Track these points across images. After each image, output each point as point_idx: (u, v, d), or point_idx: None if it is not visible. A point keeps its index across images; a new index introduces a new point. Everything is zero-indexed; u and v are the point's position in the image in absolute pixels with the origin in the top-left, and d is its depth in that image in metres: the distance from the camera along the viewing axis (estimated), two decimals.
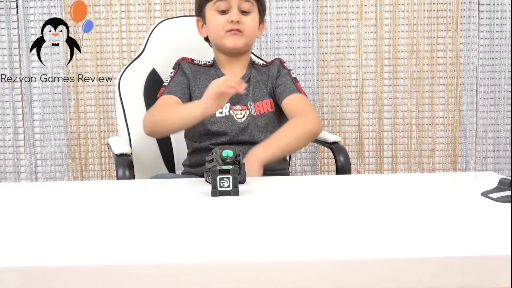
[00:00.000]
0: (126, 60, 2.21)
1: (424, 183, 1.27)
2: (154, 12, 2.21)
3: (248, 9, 1.49)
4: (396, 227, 0.82)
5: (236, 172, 1.01)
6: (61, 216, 0.93)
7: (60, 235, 0.81)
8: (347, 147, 2.27)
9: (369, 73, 2.26)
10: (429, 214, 0.90)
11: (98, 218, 0.91)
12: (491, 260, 0.69)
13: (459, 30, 2.25)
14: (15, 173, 2.26)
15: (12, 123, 2.24)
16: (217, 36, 1.50)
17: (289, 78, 1.55)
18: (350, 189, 1.16)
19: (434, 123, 2.29)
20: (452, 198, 1.04)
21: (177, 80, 1.53)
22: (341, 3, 2.23)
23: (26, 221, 0.89)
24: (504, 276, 0.69)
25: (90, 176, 2.27)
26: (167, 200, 1.07)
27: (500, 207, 0.91)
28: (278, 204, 1.00)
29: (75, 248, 0.74)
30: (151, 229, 0.84)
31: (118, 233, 0.82)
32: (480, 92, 2.28)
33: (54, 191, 1.21)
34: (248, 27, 1.48)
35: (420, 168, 2.30)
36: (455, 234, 0.78)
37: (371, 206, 0.97)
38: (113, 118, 2.24)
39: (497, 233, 0.79)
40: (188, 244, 0.76)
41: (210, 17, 1.50)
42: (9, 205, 1.04)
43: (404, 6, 2.23)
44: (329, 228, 0.83)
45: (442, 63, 2.27)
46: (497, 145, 2.30)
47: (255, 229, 0.83)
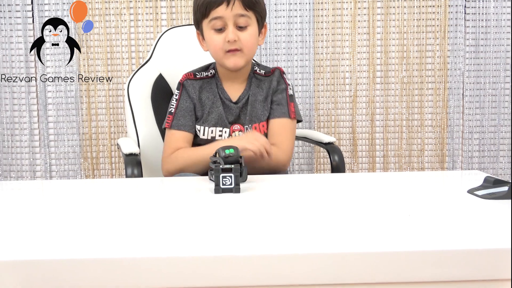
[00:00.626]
0: (135, 65, 2.21)
1: (414, 181, 1.27)
2: (161, 21, 2.21)
3: (244, 24, 1.35)
4: (388, 222, 0.82)
5: (238, 171, 1.01)
6: (74, 211, 0.93)
7: (73, 229, 0.81)
8: (342, 147, 2.27)
9: (362, 78, 2.27)
10: (419, 210, 0.90)
11: (108, 213, 0.91)
12: (477, 253, 0.70)
13: (447, 37, 2.25)
14: (31, 171, 2.26)
15: (28, 125, 2.24)
16: (217, 56, 1.39)
17: (284, 96, 1.45)
18: (344, 186, 1.16)
19: (423, 124, 2.29)
20: (440, 195, 1.04)
21: (183, 108, 1.43)
22: (336, 12, 2.23)
23: (40, 216, 0.89)
24: (488, 268, 0.69)
25: (101, 174, 2.27)
26: (172, 197, 1.08)
27: (485, 203, 0.91)
28: (277, 201, 1.00)
29: (87, 242, 0.74)
30: (158, 224, 0.84)
31: (127, 228, 0.82)
32: (466, 96, 2.28)
33: (67, 188, 1.21)
34: (247, 44, 1.36)
35: (410, 167, 2.30)
36: (443, 229, 0.79)
37: (364, 202, 0.97)
38: (122, 120, 2.24)
39: (482, 228, 0.79)
40: (192, 238, 0.76)
41: (207, 36, 1.38)
42: (26, 201, 1.04)
43: (395, 16, 2.24)
44: (325, 223, 0.83)
45: (431, 69, 2.27)
46: (482, 146, 2.30)
47: (255, 224, 0.84)
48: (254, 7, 1.35)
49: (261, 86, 1.46)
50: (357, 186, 1.16)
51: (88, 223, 0.85)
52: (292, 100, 1.46)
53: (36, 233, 0.79)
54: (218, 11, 1.32)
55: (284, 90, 1.46)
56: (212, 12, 1.33)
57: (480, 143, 2.30)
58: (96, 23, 2.19)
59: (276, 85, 1.46)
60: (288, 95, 1.46)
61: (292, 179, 1.36)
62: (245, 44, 1.35)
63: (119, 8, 2.20)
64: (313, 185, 1.19)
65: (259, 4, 1.37)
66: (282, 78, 1.47)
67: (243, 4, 1.32)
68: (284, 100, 1.45)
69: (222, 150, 1.07)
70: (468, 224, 0.82)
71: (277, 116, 1.44)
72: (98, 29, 2.20)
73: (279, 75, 1.48)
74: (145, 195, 1.10)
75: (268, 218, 0.87)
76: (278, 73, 1.48)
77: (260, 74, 1.48)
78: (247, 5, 1.33)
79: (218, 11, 1.32)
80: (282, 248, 0.71)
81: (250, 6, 1.34)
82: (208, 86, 1.45)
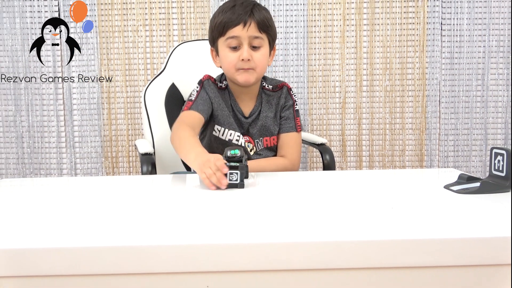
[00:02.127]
0: (150, 76, 2.21)
1: (396, 177, 1.27)
2: (173, 36, 2.21)
3: (258, 45, 1.31)
4: (373, 214, 0.82)
5: (243, 168, 1.01)
6: (96, 204, 0.93)
7: (96, 219, 0.81)
8: (332, 148, 2.27)
9: (350, 86, 2.26)
10: (400, 203, 0.90)
11: (126, 205, 0.91)
12: (452, 241, 0.69)
13: (425, 51, 2.25)
14: (58, 169, 2.26)
15: (55, 128, 2.24)
16: (229, 72, 1.35)
17: (291, 112, 1.42)
18: (334, 182, 1.16)
19: (404, 128, 2.29)
20: (419, 190, 1.04)
21: (203, 98, 1.36)
22: (327, 29, 2.23)
23: (68, 207, 0.89)
24: (462, 255, 0.69)
25: (120, 172, 2.27)
26: (183, 191, 1.07)
27: (459, 197, 0.91)
28: (276, 195, 1.00)
29: (108, 230, 0.74)
30: (170, 215, 0.84)
31: (143, 218, 0.82)
32: (442, 102, 2.28)
33: (90, 184, 1.21)
34: (259, 63, 1.32)
35: (392, 165, 2.30)
36: (422, 220, 0.78)
37: (352, 196, 0.97)
38: (138, 124, 2.24)
39: (457, 220, 0.79)
40: (201, 227, 0.76)
41: (222, 52, 1.33)
42: (54, 195, 1.04)
43: (379, 31, 2.23)
44: (319, 215, 0.83)
45: (411, 78, 2.27)
46: (457, 146, 2.30)
47: (258, 215, 0.83)
48: (268, 30, 1.32)
49: (270, 102, 1.43)
50: (346, 182, 1.16)
51: (109, 213, 0.85)
52: (298, 115, 1.45)
53: (65, 223, 0.79)
54: (234, 30, 1.29)
55: (291, 106, 1.43)
56: (229, 31, 1.29)
57: (454, 144, 2.30)
58: (116, 38, 2.19)
59: (284, 102, 1.43)
60: (295, 111, 1.44)
61: (289, 176, 1.35)
62: (257, 64, 1.32)
63: (136, 25, 2.20)
64: (307, 181, 1.19)
65: (272, 28, 1.34)
66: (289, 95, 1.44)
67: (258, 26, 1.29)
68: (291, 115, 1.43)
69: (227, 151, 1.07)
70: (444, 215, 0.81)
71: (286, 131, 1.42)
72: (117, 44, 2.20)
73: (286, 92, 1.44)
74: (158, 190, 1.10)
75: (269, 210, 0.87)
76: (286, 90, 1.44)
77: (269, 90, 1.44)
78: (262, 27, 1.30)
79: (234, 30, 1.29)
80: (282, 237, 0.71)
81: (264, 29, 1.31)
82: (222, 96, 1.40)
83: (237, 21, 1.28)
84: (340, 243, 0.69)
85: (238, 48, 1.31)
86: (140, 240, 0.70)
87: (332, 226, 0.76)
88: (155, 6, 2.19)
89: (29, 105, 2.22)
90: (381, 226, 0.75)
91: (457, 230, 0.73)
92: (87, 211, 0.87)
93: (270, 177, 1.19)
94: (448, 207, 0.86)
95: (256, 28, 1.29)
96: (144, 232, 0.74)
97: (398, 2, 2.22)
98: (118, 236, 0.72)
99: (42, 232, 0.73)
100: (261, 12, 1.31)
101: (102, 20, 2.18)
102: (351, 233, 0.72)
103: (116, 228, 0.76)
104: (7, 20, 2.17)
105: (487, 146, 2.29)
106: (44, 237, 0.72)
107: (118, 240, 0.70)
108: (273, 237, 0.71)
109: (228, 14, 1.29)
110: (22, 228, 0.76)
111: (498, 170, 0.95)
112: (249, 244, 0.69)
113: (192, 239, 0.70)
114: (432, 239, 0.69)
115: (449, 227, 0.74)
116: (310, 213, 0.84)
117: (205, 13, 2.19)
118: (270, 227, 0.76)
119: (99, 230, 0.75)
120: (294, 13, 2.21)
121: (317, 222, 0.78)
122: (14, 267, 0.66)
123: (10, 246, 0.67)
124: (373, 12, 2.23)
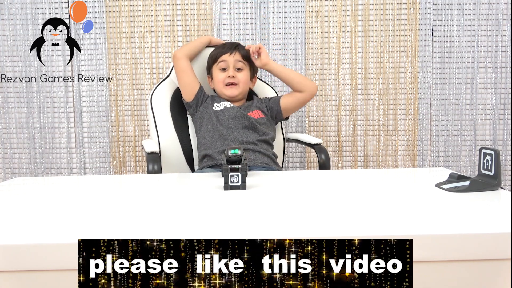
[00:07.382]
0: (156, 79, 2.21)
1: (390, 176, 1.27)
2: (177, 43, 2.21)
3: (241, 67, 1.66)
4: (367, 211, 0.82)
5: (244, 170, 1.00)
6: (104, 200, 0.93)
7: (105, 214, 0.81)
8: (328, 148, 2.27)
9: (346, 90, 2.26)
10: (394, 200, 0.90)
11: (133, 202, 0.91)
12: (442, 237, 0.69)
13: (417, 56, 2.25)
14: (69, 168, 2.26)
15: (66, 129, 2.24)
16: (219, 87, 1.66)
17: (275, 97, 1.70)
18: (330, 181, 1.16)
19: (397, 129, 2.29)
20: (412, 188, 1.04)
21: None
22: (324, 35, 2.23)
23: (77, 203, 0.89)
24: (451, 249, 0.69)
25: (127, 171, 2.27)
26: (187, 190, 1.07)
27: (450, 195, 0.91)
28: (276, 195, 1.00)
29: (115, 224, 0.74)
30: (174, 212, 0.84)
31: (149, 214, 0.82)
32: (434, 105, 2.28)
33: (99, 182, 1.21)
34: (241, 80, 1.65)
35: (386, 165, 2.30)
36: (414, 217, 0.78)
37: (347, 194, 0.97)
38: (144, 126, 2.24)
39: (448, 216, 0.79)
40: (205, 224, 0.76)
41: (214, 74, 1.67)
42: (65, 192, 1.04)
43: (373, 38, 2.23)
44: (315, 212, 0.83)
45: (403, 82, 2.26)
46: (447, 147, 2.30)
47: (259, 214, 0.83)
48: (248, 60, 1.68)
49: (259, 101, 1.70)
50: (341, 181, 1.16)
51: (117, 209, 0.85)
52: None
53: (76, 217, 0.79)
54: (224, 57, 1.66)
55: (272, 96, 1.74)
56: (220, 58, 1.66)
57: (445, 144, 2.30)
58: (123, 44, 2.20)
59: (267, 99, 1.71)
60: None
61: (287, 175, 1.36)
62: (240, 80, 1.65)
63: (143, 32, 2.20)
64: (305, 180, 1.19)
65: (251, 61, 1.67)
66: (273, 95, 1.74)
67: (241, 55, 1.67)
68: (276, 96, 1.72)
69: (228, 150, 1.07)
70: (435, 212, 0.82)
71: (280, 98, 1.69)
72: (125, 49, 2.20)
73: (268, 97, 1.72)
74: (163, 188, 1.10)
75: (269, 209, 0.87)
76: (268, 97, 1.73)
77: (260, 98, 1.73)
78: (243, 57, 1.67)
79: (224, 57, 1.66)
80: (283, 234, 0.71)
81: (245, 58, 1.67)
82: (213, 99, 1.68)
83: (226, 51, 1.66)
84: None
85: (226, 70, 1.66)
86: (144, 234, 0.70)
87: (328, 222, 0.76)
88: (160, 13, 2.19)
89: (41, 107, 2.22)
90: (375, 223, 0.75)
91: (448, 226, 0.73)
92: (97, 206, 0.87)
93: (268, 176, 1.19)
94: (439, 205, 0.86)
95: (239, 56, 1.67)
96: (146, 229, 0.73)
97: (391, 9, 2.22)
98: (124, 231, 0.72)
99: (54, 227, 0.73)
100: (243, 49, 1.68)
101: (110, 27, 2.18)
102: (347, 230, 0.72)
103: (122, 224, 0.76)
104: (20, 21, 2.17)
105: (476, 147, 2.29)
106: (55, 232, 0.71)
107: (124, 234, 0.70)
108: (274, 233, 0.71)
109: (219, 49, 1.69)
110: (36, 223, 0.76)
111: (487, 169, 0.95)
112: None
113: (194, 236, 0.70)
114: (425, 235, 0.69)
115: (440, 224, 0.74)
116: (307, 210, 0.84)
117: (208, 20, 2.19)
118: (269, 226, 0.76)
119: (107, 225, 0.75)
120: (292, 20, 2.22)
121: (315, 219, 0.78)
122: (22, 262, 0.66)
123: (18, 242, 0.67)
124: (367, 19, 2.23)
